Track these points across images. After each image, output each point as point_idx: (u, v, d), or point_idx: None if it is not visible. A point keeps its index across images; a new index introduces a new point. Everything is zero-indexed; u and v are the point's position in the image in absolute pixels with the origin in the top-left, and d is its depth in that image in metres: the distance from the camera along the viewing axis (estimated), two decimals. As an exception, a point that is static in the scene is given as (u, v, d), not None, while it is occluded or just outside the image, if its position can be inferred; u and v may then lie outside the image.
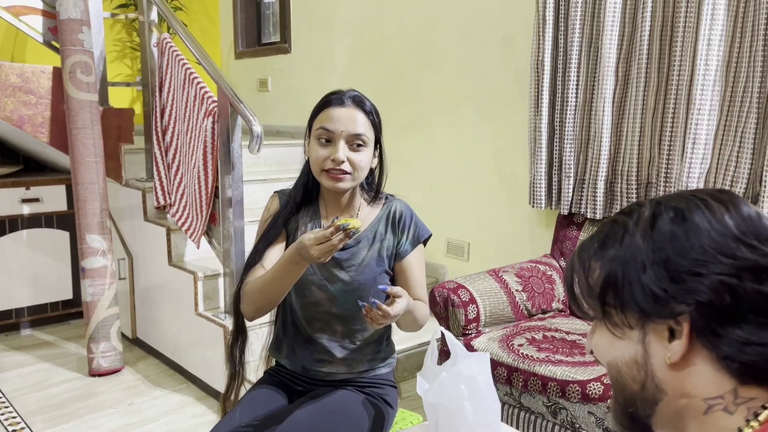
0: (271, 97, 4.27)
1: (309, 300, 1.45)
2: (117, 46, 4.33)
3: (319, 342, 1.46)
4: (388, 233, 1.45)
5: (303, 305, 1.47)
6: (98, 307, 2.76)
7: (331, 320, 1.45)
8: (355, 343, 1.46)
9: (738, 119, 2.08)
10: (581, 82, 2.46)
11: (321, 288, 1.43)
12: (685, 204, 0.64)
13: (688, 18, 2.15)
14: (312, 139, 1.40)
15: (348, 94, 1.40)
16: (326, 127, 1.36)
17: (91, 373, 2.80)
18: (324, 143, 1.37)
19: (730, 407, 0.61)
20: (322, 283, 1.43)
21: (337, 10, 3.70)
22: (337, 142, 1.36)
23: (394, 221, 1.46)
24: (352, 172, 1.37)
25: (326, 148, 1.36)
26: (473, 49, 2.98)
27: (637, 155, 2.33)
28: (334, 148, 1.36)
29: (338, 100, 1.38)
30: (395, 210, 1.47)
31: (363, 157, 1.38)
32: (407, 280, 1.45)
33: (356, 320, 1.45)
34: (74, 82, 2.68)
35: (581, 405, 1.81)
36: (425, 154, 3.25)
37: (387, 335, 1.53)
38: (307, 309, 1.46)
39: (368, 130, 1.39)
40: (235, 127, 2.46)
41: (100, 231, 2.75)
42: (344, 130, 1.35)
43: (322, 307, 1.44)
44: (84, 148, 2.71)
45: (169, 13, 2.90)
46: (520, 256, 2.64)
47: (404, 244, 1.45)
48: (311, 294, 1.44)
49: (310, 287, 1.43)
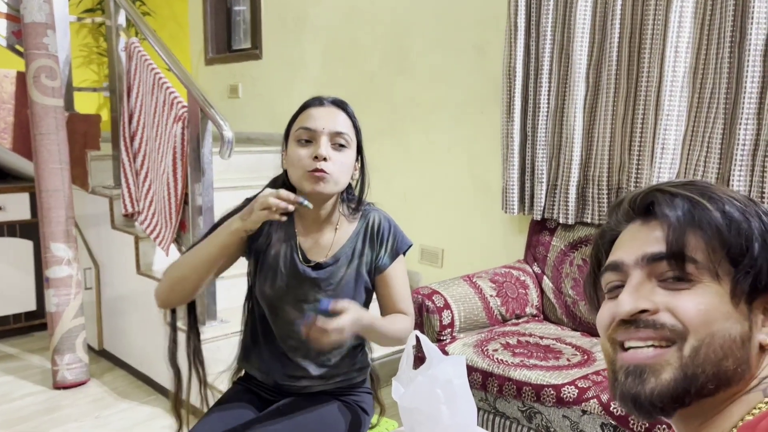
0: (241, 103, 4.23)
1: (282, 319, 1.39)
2: (83, 51, 4.25)
3: (293, 360, 1.41)
4: (366, 248, 1.39)
5: (276, 322, 1.41)
6: (63, 317, 2.68)
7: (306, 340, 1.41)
8: (331, 360, 1.41)
9: (705, 124, 2.11)
10: (553, 89, 2.48)
11: (296, 308, 1.37)
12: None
13: (656, 25, 2.18)
14: (291, 142, 1.32)
15: (328, 98, 1.36)
16: (307, 126, 1.30)
17: (56, 386, 2.71)
18: (304, 143, 1.30)
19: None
20: (298, 303, 1.37)
21: (308, 17, 3.69)
22: (319, 139, 1.29)
23: (373, 234, 1.39)
24: (333, 173, 1.29)
25: (307, 148, 1.29)
26: (446, 55, 2.99)
27: (608, 160, 2.36)
28: (316, 145, 1.29)
29: (318, 102, 1.34)
30: (373, 222, 1.40)
31: (345, 158, 1.32)
32: (388, 293, 1.39)
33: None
34: (38, 87, 2.61)
35: (556, 409, 1.80)
36: (399, 161, 3.25)
37: (362, 346, 1.48)
38: (280, 327, 1.41)
39: (350, 130, 1.34)
40: (205, 133, 2.43)
41: (65, 239, 2.67)
42: (326, 128, 1.30)
43: (296, 325, 1.35)
44: (48, 154, 2.63)
45: (138, 18, 2.86)
46: (493, 262, 2.64)
47: (383, 257, 1.38)
48: (285, 314, 1.38)
49: (284, 307, 1.37)
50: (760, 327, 0.60)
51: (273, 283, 1.37)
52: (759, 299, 0.60)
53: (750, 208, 0.63)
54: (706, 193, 0.63)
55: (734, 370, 0.59)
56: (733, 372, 0.59)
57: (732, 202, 0.62)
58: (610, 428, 1.69)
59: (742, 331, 0.59)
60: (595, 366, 1.94)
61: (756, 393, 0.60)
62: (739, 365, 0.59)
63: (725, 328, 0.59)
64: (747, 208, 0.62)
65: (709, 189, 0.64)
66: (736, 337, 0.59)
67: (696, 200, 0.62)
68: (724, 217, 0.61)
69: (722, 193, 0.63)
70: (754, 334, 0.60)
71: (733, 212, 0.61)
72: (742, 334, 0.59)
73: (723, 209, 0.61)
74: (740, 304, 0.60)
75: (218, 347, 2.49)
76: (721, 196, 0.63)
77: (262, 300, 1.40)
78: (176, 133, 2.49)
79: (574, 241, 2.41)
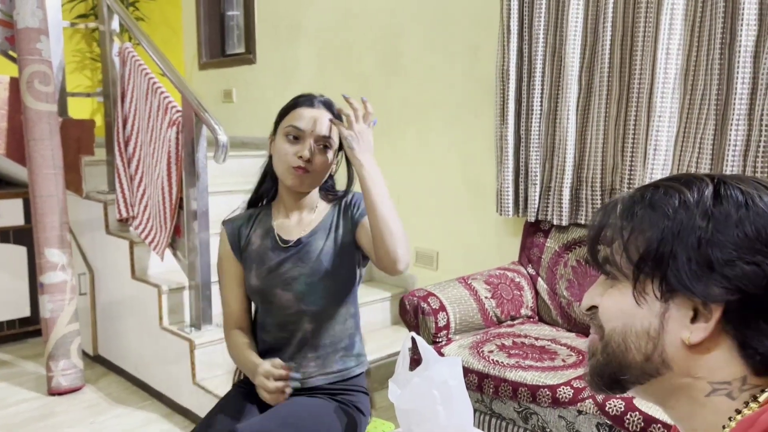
0: (236, 108, 4.23)
1: (275, 305, 1.44)
2: (76, 56, 4.25)
3: (288, 346, 1.45)
4: (341, 219, 1.47)
5: (271, 311, 1.46)
6: (57, 323, 2.68)
7: (301, 320, 1.44)
8: (327, 341, 1.46)
9: (697, 126, 2.13)
10: (546, 91, 2.50)
11: (285, 288, 1.43)
12: (754, 188, 0.61)
13: (647, 28, 2.20)
14: (280, 136, 1.43)
15: (318, 97, 1.46)
16: (296, 125, 1.41)
17: (51, 392, 2.70)
18: (292, 140, 1.41)
19: (734, 393, 0.60)
20: (286, 284, 1.43)
21: (302, 21, 3.69)
22: (306, 140, 1.40)
23: (347, 205, 1.49)
24: (314, 172, 1.41)
25: (294, 145, 1.41)
26: (439, 58, 3.00)
27: (601, 162, 2.37)
28: (303, 146, 1.40)
29: (308, 101, 1.44)
30: (347, 198, 1.51)
31: (327, 159, 1.43)
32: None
33: (327, 314, 1.44)
34: (32, 92, 2.61)
35: (552, 409, 1.81)
36: (393, 163, 3.25)
37: (358, 332, 1.52)
38: (274, 315, 1.46)
39: (335, 133, 1.43)
40: (200, 137, 2.43)
41: (59, 245, 2.67)
42: (313, 130, 1.41)
43: (290, 308, 1.43)
44: (42, 159, 2.63)
45: (132, 23, 2.86)
46: (488, 264, 2.65)
47: (356, 214, 1.46)
48: (276, 298, 1.44)
49: (274, 291, 1.43)
50: (683, 324, 0.61)
51: (258, 272, 1.45)
52: (679, 297, 0.61)
53: (689, 209, 0.61)
54: (648, 196, 0.65)
55: (644, 363, 0.63)
56: (643, 364, 0.63)
57: (668, 204, 0.62)
58: (606, 428, 1.70)
59: (649, 328, 0.63)
60: (590, 366, 1.94)
61: (719, 397, 0.61)
62: (649, 358, 0.63)
63: (629, 324, 0.64)
64: (679, 212, 0.62)
65: (655, 193, 0.64)
66: (640, 332, 0.63)
67: (628, 206, 0.66)
68: (643, 222, 0.63)
69: (668, 195, 0.63)
70: (667, 330, 0.62)
71: (657, 219, 0.62)
72: (648, 330, 0.63)
73: (647, 215, 0.63)
74: (648, 302, 0.63)
75: (214, 351, 2.49)
76: (662, 201, 0.63)
77: (254, 294, 1.47)
78: (171, 137, 2.49)
79: (569, 242, 2.43)
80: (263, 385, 1.30)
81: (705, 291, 0.59)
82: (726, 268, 0.58)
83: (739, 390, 0.60)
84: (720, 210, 0.60)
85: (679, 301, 0.61)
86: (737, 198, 0.60)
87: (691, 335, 0.60)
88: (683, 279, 0.60)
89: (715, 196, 0.61)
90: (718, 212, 0.60)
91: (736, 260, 0.58)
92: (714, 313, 0.59)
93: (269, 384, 1.29)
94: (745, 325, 0.59)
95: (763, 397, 0.59)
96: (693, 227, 0.60)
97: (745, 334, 0.59)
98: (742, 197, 0.60)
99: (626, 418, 1.65)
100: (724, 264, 0.58)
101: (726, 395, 0.61)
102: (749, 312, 0.58)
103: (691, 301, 0.60)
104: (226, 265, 1.51)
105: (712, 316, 0.59)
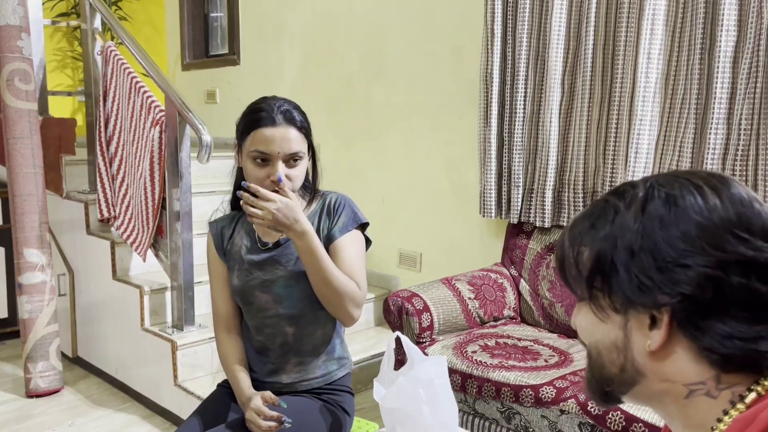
0: (219, 108, 4.21)
1: (255, 306, 1.44)
2: (57, 55, 4.20)
3: (271, 350, 1.45)
4: (323, 223, 1.44)
5: (250, 312, 1.45)
6: (36, 324, 2.64)
7: (280, 323, 1.43)
8: (308, 345, 1.45)
9: (677, 129, 2.16)
10: (529, 94, 2.52)
11: (264, 290, 1.42)
12: (678, 188, 0.62)
13: (629, 33, 2.23)
14: (246, 158, 1.38)
15: (277, 109, 1.37)
16: (261, 150, 1.35)
17: (29, 394, 2.66)
18: (260, 163, 1.36)
19: (713, 392, 0.61)
20: (264, 286, 1.42)
21: (286, 22, 3.69)
22: (275, 162, 1.35)
23: (330, 209, 1.45)
24: (289, 186, 1.36)
25: (263, 168, 1.36)
26: (423, 60, 3.01)
27: (583, 165, 2.40)
28: (273, 168, 1.35)
29: (269, 119, 1.36)
30: (331, 200, 1.46)
31: (300, 170, 1.39)
32: (338, 262, 1.37)
33: (306, 319, 1.43)
34: (12, 91, 2.58)
35: (534, 409, 1.83)
36: (377, 165, 3.26)
37: (338, 335, 1.51)
38: (254, 316, 1.45)
39: (302, 144, 1.39)
40: (183, 137, 2.41)
41: (38, 245, 2.63)
42: (280, 152, 1.35)
43: (269, 311, 1.42)
44: (22, 158, 2.59)
45: (114, 21, 2.83)
46: (471, 266, 2.67)
47: (334, 229, 1.42)
48: (255, 299, 1.43)
49: (254, 293, 1.43)
50: (644, 332, 0.62)
51: (239, 273, 1.44)
52: (632, 308, 0.62)
53: (642, 221, 0.62)
54: (589, 213, 0.67)
55: (620, 374, 0.65)
56: (620, 375, 0.65)
57: (604, 219, 0.64)
58: (588, 427, 1.71)
59: (615, 340, 0.64)
60: (572, 366, 1.96)
61: (699, 397, 0.62)
62: (623, 369, 0.65)
63: (599, 339, 0.66)
64: (614, 224, 0.63)
65: (595, 208, 0.66)
66: (609, 346, 0.65)
67: (574, 226, 0.68)
68: (584, 240, 0.66)
69: (604, 210, 0.65)
70: (632, 339, 0.63)
71: (595, 235, 0.64)
72: (616, 343, 0.64)
73: (588, 233, 0.65)
74: (610, 315, 0.64)
75: (196, 352, 2.48)
76: (599, 217, 0.65)
77: (235, 295, 1.47)
78: (154, 137, 2.47)
79: (551, 244, 2.45)
80: (254, 421, 1.30)
81: (647, 299, 0.60)
82: (660, 273, 0.59)
83: (716, 388, 0.61)
84: (646, 217, 0.61)
85: (634, 312, 0.62)
86: (662, 201, 0.61)
87: (651, 342, 0.62)
88: (626, 291, 0.61)
89: (643, 204, 0.62)
90: (646, 219, 0.61)
91: (668, 263, 0.59)
92: (664, 319, 0.60)
93: (260, 423, 1.29)
94: (694, 326, 0.60)
95: (750, 398, 0.59)
96: (624, 238, 0.62)
97: (697, 335, 0.60)
98: (666, 200, 0.61)
99: (608, 417, 1.67)
100: (657, 270, 0.60)
101: (705, 395, 0.61)
102: (693, 313, 0.59)
103: (647, 311, 0.61)
104: (213, 265, 1.51)
105: (663, 322, 0.60)
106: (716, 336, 0.59)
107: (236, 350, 1.46)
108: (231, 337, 1.47)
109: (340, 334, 1.51)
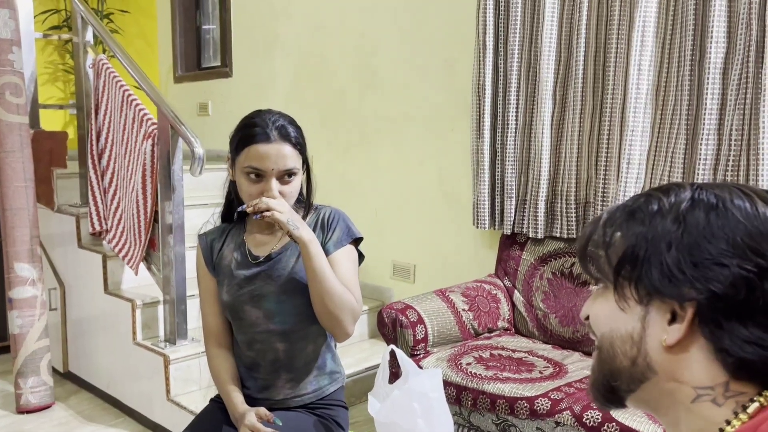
0: (211, 121, 4.21)
1: (245, 321, 1.42)
2: (49, 68, 4.19)
3: (261, 366, 1.43)
4: (317, 236, 1.41)
5: (240, 328, 1.43)
6: (27, 339, 2.61)
7: (270, 338, 1.41)
8: (300, 361, 1.43)
9: (668, 140, 2.18)
10: (521, 106, 2.53)
11: (255, 305, 1.40)
12: (728, 193, 0.63)
13: (619, 45, 2.25)
14: (239, 173, 1.36)
15: (272, 124, 1.35)
16: (255, 167, 1.33)
17: (19, 410, 2.63)
18: (254, 179, 1.34)
19: (719, 399, 0.61)
20: (255, 301, 1.40)
21: (278, 35, 3.70)
22: (269, 179, 1.33)
23: (324, 224, 1.43)
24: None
25: (257, 185, 1.34)
26: (415, 72, 3.02)
27: (576, 176, 2.41)
28: (267, 185, 1.33)
29: (264, 136, 1.34)
30: (325, 214, 1.45)
31: (294, 186, 1.38)
32: None
33: (298, 334, 1.41)
34: (3, 104, 2.56)
35: (530, 421, 1.82)
36: (370, 177, 3.26)
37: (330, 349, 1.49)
38: (244, 332, 1.43)
39: (297, 160, 1.37)
40: (176, 150, 2.41)
41: (29, 259, 2.61)
42: (275, 168, 1.33)
43: (259, 326, 1.40)
44: (13, 172, 2.58)
45: (106, 34, 2.83)
46: (465, 277, 2.66)
47: (328, 243, 1.40)
48: (246, 314, 1.41)
49: (244, 308, 1.40)
50: (662, 326, 0.62)
51: (229, 288, 1.42)
52: (657, 300, 0.63)
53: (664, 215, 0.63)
54: (630, 204, 0.67)
55: (631, 367, 0.65)
56: (630, 369, 0.65)
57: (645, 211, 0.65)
58: (583, 439, 1.71)
59: (632, 332, 0.64)
60: (567, 378, 1.96)
61: (705, 403, 0.62)
62: (635, 362, 0.64)
63: (613, 329, 0.66)
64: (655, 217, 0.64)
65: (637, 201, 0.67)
66: (624, 336, 0.65)
67: (611, 215, 0.68)
68: (622, 229, 0.66)
69: (647, 203, 0.66)
70: (648, 333, 0.63)
71: (634, 225, 0.65)
72: (632, 334, 0.64)
73: (626, 222, 0.66)
74: (631, 306, 0.65)
75: (189, 366, 2.46)
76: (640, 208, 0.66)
77: (225, 310, 1.44)
78: (146, 150, 2.46)
79: (544, 255, 2.45)
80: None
81: (675, 292, 0.61)
82: (694, 268, 0.60)
83: (723, 396, 0.61)
84: (692, 215, 0.62)
85: (657, 303, 0.63)
86: (709, 202, 0.62)
87: (667, 336, 0.62)
88: (655, 281, 0.62)
89: (690, 202, 0.63)
90: (690, 216, 0.62)
91: (706, 260, 0.60)
92: (687, 314, 0.61)
93: None
94: (717, 325, 0.60)
95: (753, 408, 0.60)
96: (665, 231, 0.62)
97: (717, 335, 0.60)
98: (714, 201, 0.62)
99: (603, 429, 1.66)
100: (692, 264, 0.60)
101: (711, 401, 0.61)
102: (719, 312, 0.60)
103: (668, 304, 0.62)
104: (202, 279, 1.49)
105: (685, 317, 0.61)
106: (737, 339, 0.59)
107: (228, 365, 1.44)
108: (222, 351, 1.46)
109: (331, 348, 1.49)
